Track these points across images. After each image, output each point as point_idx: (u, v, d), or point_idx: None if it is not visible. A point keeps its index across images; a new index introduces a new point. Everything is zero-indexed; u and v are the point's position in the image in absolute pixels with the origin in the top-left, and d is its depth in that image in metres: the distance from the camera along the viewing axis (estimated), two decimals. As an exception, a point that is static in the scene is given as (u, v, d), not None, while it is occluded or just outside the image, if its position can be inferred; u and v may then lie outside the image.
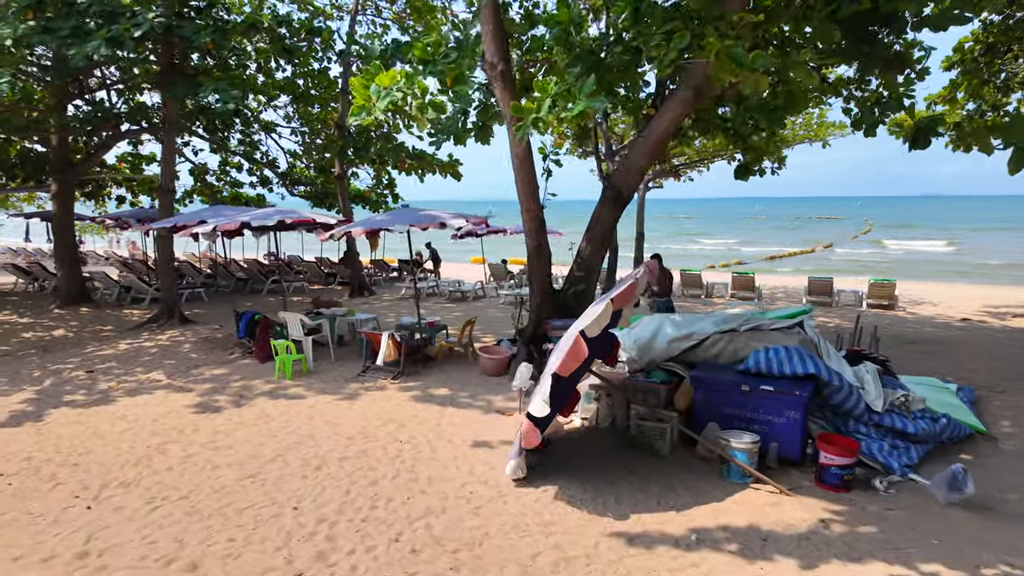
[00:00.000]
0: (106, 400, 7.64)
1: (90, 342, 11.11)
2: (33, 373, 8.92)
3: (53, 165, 14.13)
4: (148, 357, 9.84)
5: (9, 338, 11.33)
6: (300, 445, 6.15)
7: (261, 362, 9.44)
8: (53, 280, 17.65)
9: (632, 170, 8.78)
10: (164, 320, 12.52)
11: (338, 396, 7.84)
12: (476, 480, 5.36)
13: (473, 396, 7.87)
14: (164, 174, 12.55)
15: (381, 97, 5.42)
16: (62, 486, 5.22)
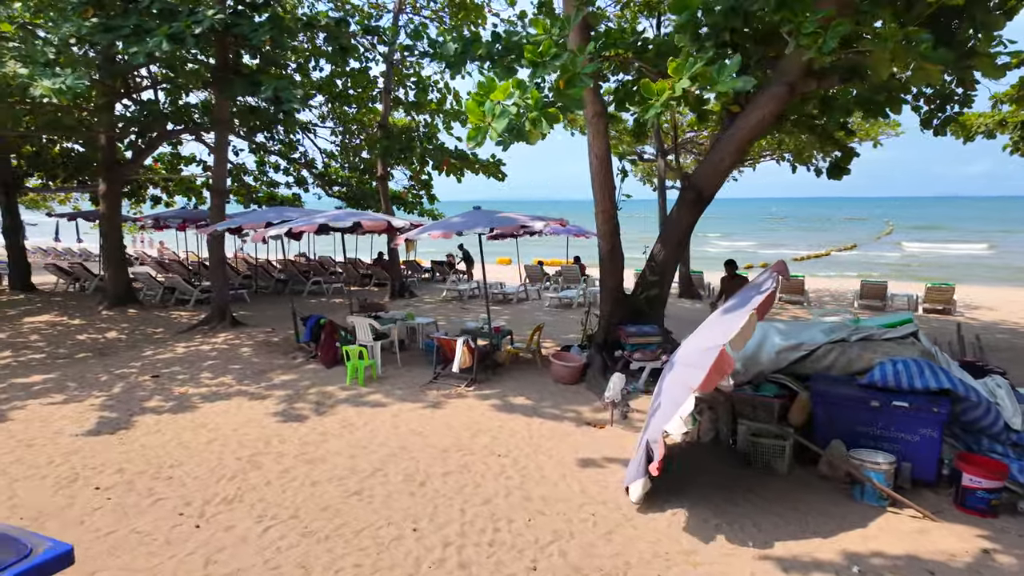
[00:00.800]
0: (182, 407, 7.43)
1: (145, 345, 10.96)
2: (99, 377, 8.75)
3: (101, 165, 14.03)
4: (211, 361, 9.65)
5: (64, 340, 11.21)
6: (395, 458, 5.89)
7: (328, 367, 9.21)
8: (94, 280, 17.64)
9: (717, 169, 8.42)
10: (216, 322, 12.37)
11: (418, 404, 7.58)
12: (593, 501, 5.05)
13: (556, 406, 7.57)
14: (216, 174, 12.39)
15: (498, 116, 5.10)
16: (163, 502, 4.99)
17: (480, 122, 5.12)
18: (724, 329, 4.73)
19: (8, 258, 17.07)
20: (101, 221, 14.26)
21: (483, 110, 5.11)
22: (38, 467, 5.68)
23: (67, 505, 4.91)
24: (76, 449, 6.09)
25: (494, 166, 17.12)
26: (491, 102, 5.13)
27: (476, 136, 5.13)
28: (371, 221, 8.69)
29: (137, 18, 9.99)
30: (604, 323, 9.23)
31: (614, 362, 8.84)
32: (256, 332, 12.05)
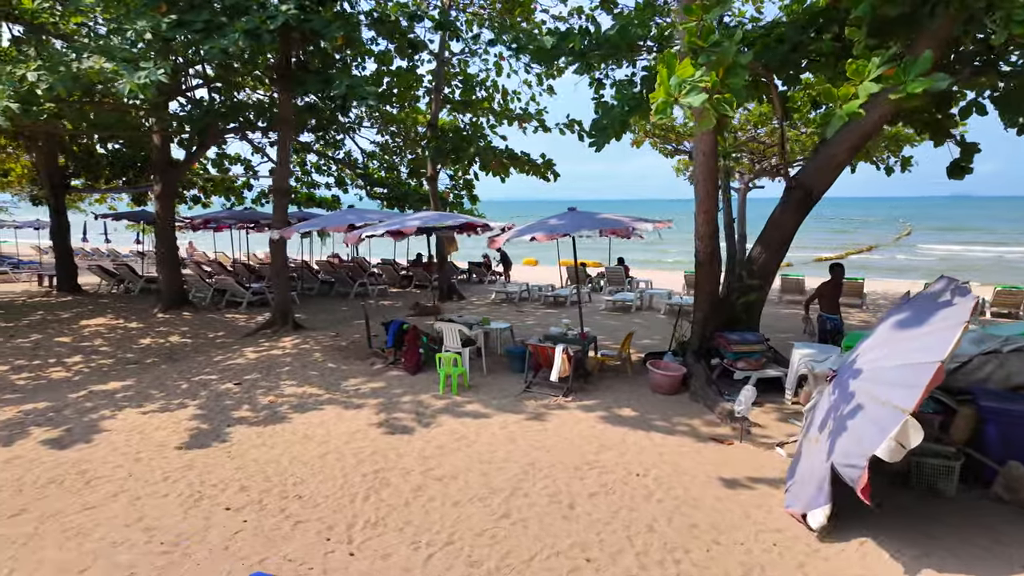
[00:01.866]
0: (277, 418, 7.12)
1: (212, 349, 10.70)
2: (180, 385, 8.47)
3: (155, 165, 13.80)
4: (287, 367, 9.35)
5: (129, 345, 10.97)
6: (529, 475, 5.53)
7: (412, 374, 8.87)
8: (139, 282, 17.45)
9: (829, 166, 8.00)
10: (279, 326, 12.09)
11: (522, 415, 7.22)
12: (765, 528, 4.67)
13: (665, 419, 7.18)
14: (279, 174, 12.11)
15: (686, 92, 4.73)
16: (303, 525, 4.66)
17: (667, 96, 4.76)
18: (922, 344, 4.33)
19: (55, 259, 16.90)
20: (156, 222, 14.03)
21: (671, 84, 4.75)
22: (155, 483, 5.37)
23: (204, 528, 4.60)
24: (188, 464, 5.79)
25: (547, 166, 16.71)
26: (677, 78, 4.76)
27: (663, 110, 4.77)
28: (462, 222, 8.33)
29: (208, 14, 9.72)
30: (699, 329, 8.83)
31: (711, 370, 8.45)
32: (320, 336, 11.75)
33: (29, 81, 7.81)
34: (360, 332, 12.12)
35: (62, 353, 10.23)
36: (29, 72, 7.82)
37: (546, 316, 14.42)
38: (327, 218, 9.88)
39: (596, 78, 13.97)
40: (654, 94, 4.98)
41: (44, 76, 7.88)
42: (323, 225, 9.51)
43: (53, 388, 8.37)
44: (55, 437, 6.47)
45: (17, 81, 7.70)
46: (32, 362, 9.64)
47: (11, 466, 5.71)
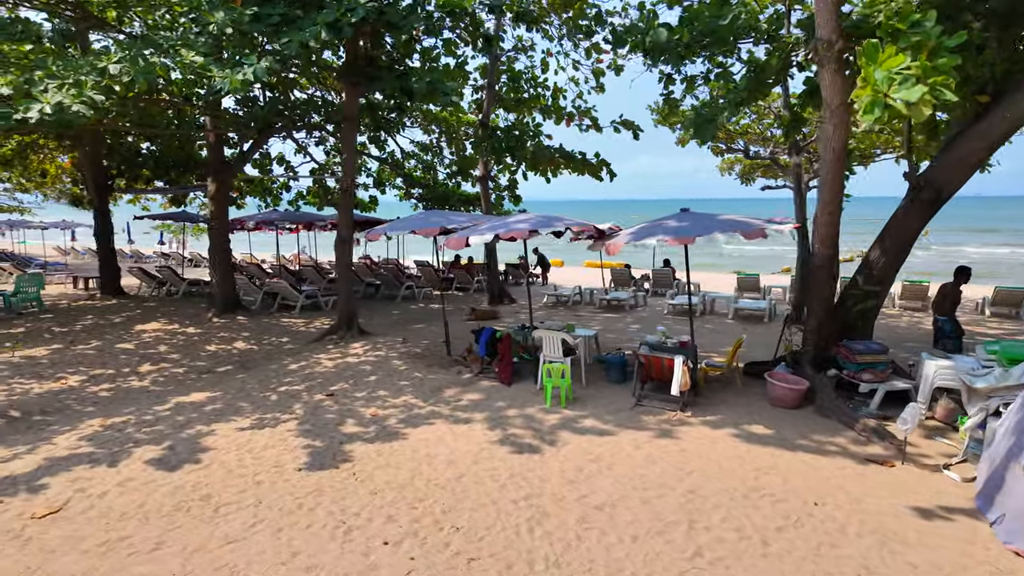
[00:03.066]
0: (389, 433, 6.65)
1: (282, 356, 10.26)
2: (268, 396, 8.02)
3: (210, 165, 13.38)
4: (373, 377, 8.89)
5: (196, 352, 10.54)
6: (695, 504, 5.04)
7: (507, 385, 8.39)
8: (182, 285, 17.06)
9: (963, 165, 7.47)
10: (344, 331, 11.64)
11: (649, 433, 6.72)
12: (1000, 570, 4.16)
13: (805, 436, 6.66)
14: (345, 173, 11.66)
15: (897, 85, 4.22)
16: (478, 563, 4.19)
17: (876, 95, 4.23)
18: None
19: (99, 261, 16.53)
20: (210, 224, 13.61)
21: (878, 79, 4.22)
22: (290, 512, 4.91)
23: (371, 567, 4.13)
24: (316, 488, 5.33)
25: (601, 165, 16.20)
26: (883, 71, 4.23)
27: (871, 110, 4.24)
28: (579, 225, 7.84)
29: (284, 6, 9.28)
30: (813, 338, 8.31)
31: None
32: (388, 342, 11.29)
33: (111, 74, 7.37)
34: (430, 338, 11.67)
35: (130, 361, 9.81)
36: (111, 64, 7.38)
37: (610, 321, 13.92)
38: (412, 220, 9.39)
39: (666, 73, 13.52)
40: (858, 91, 4.48)
41: (126, 68, 7.44)
42: (412, 227, 9.02)
43: (134, 399, 7.95)
44: (160, 456, 6.03)
45: (99, 73, 7.27)
46: (104, 370, 9.23)
47: (127, 490, 5.27)
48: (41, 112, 6.43)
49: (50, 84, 6.87)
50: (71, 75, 6.97)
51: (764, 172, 20.53)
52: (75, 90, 6.68)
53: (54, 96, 6.57)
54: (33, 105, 6.47)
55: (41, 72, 6.94)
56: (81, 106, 6.60)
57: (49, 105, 6.47)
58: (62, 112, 6.52)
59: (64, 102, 6.54)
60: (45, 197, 31.51)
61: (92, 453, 6.08)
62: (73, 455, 6.03)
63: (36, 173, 20.17)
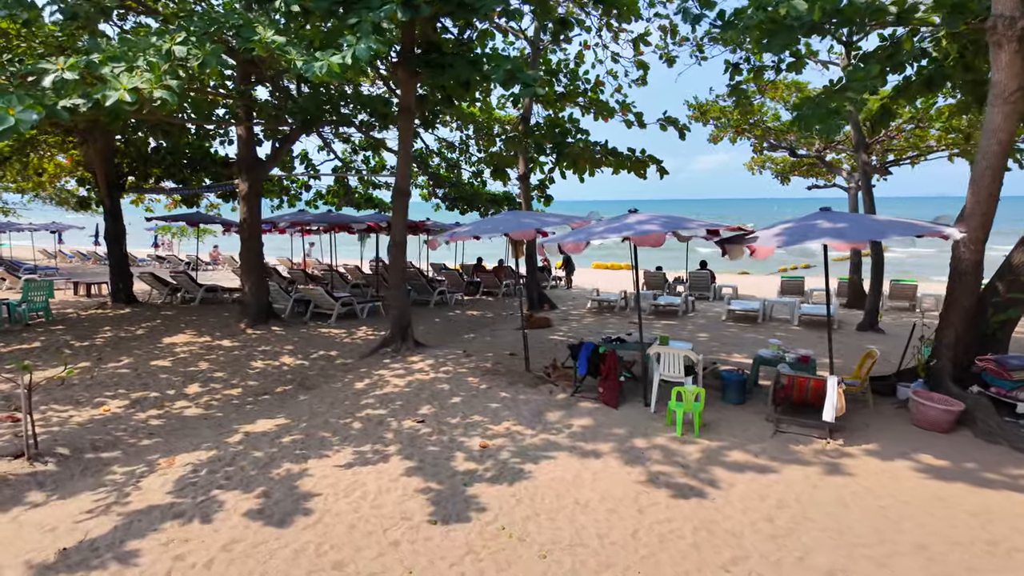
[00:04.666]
0: (512, 471, 5.70)
1: (340, 373, 9.27)
2: (349, 424, 7.02)
3: (242, 162, 12.28)
4: (456, 399, 7.92)
5: (243, 369, 9.48)
6: (947, 568, 4.16)
7: (613, 407, 7.47)
8: (199, 292, 15.90)
9: None
10: (398, 343, 10.64)
11: (816, 467, 5.85)
12: None
13: (993, 469, 5.85)
14: (400, 171, 10.65)
15: None
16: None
17: None
18: None
19: (110, 267, 15.29)
20: (241, 226, 12.50)
21: None
22: (455, 586, 3.95)
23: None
24: (468, 547, 4.38)
25: (648, 161, 15.32)
26: None
27: None
28: (713, 226, 6.95)
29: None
30: (951, 352, 7.52)
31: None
32: (448, 355, 10.31)
33: (176, 56, 6.33)
34: (493, 350, 10.74)
35: (172, 381, 8.73)
36: (176, 46, 6.33)
37: (670, 330, 13.06)
38: (500, 222, 8.41)
39: (733, 63, 12.72)
40: None
41: (193, 50, 6.40)
42: (505, 229, 8.04)
43: (193, 429, 6.91)
44: (258, 507, 5.02)
45: (163, 56, 6.22)
46: (147, 393, 8.15)
47: (237, 557, 4.27)
48: (120, 100, 5.38)
49: (115, 68, 5.82)
50: (138, 58, 5.92)
51: (808, 171, 19.87)
52: (150, 75, 5.65)
53: (130, 81, 5.52)
54: (109, 92, 5.42)
55: (101, 55, 5.87)
56: (165, 92, 5.57)
57: (127, 91, 5.42)
58: (142, 100, 5.49)
59: (143, 88, 5.50)
60: (35, 198, 29.92)
61: (175, 504, 5.05)
62: (153, 507, 5.00)
63: (33, 172, 18.80)
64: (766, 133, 19.32)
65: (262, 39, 6.42)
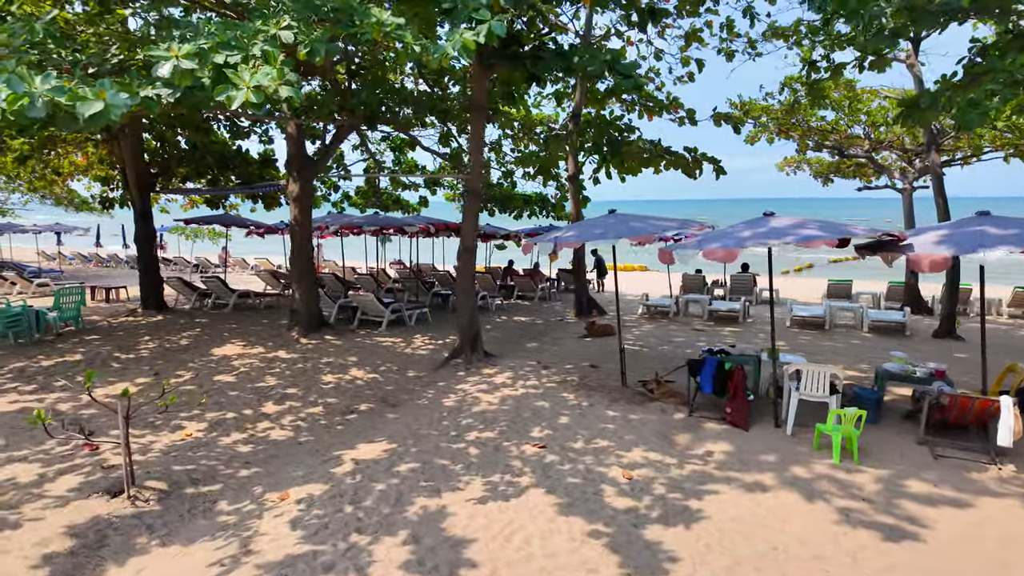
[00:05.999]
0: (675, 509, 5.08)
1: (419, 388, 8.65)
2: (463, 449, 6.37)
3: (293, 161, 11.56)
4: (564, 419, 7.28)
5: (314, 384, 8.79)
6: None
7: (744, 428, 6.86)
8: (231, 297, 15.14)
9: None
10: (469, 353, 9.98)
11: (1015, 500, 5.27)
12: None
13: None
14: (473, 171, 10.00)
15: None
16: None
17: None
18: None
19: (140, 271, 14.49)
20: (292, 229, 11.77)
21: None
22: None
23: None
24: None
25: (703, 162, 14.75)
26: None
27: None
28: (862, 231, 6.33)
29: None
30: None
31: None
32: (522, 366, 9.68)
33: (283, 42, 5.63)
34: (571, 361, 10.12)
35: (246, 399, 8.04)
36: (282, 31, 5.64)
37: (738, 337, 12.50)
38: (610, 226, 7.74)
39: (810, 60, 12.24)
40: None
41: (302, 36, 5.71)
42: (622, 235, 7.41)
43: (290, 455, 6.24)
44: (415, 558, 4.37)
45: (271, 43, 5.52)
46: (223, 413, 7.46)
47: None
48: (246, 100, 4.69)
49: (229, 58, 5.12)
50: (253, 45, 5.23)
51: (854, 172, 19.40)
52: (271, 69, 4.95)
53: (253, 78, 4.82)
54: (234, 92, 4.73)
55: (209, 42, 5.17)
56: (289, 90, 4.87)
57: (250, 90, 4.73)
58: (265, 99, 4.80)
59: (266, 85, 4.80)
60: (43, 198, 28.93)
61: (317, 553, 4.38)
62: (293, 557, 4.33)
63: (51, 171, 17.94)
64: (807, 133, 18.87)
65: (379, 20, 5.74)
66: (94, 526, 4.69)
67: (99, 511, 4.92)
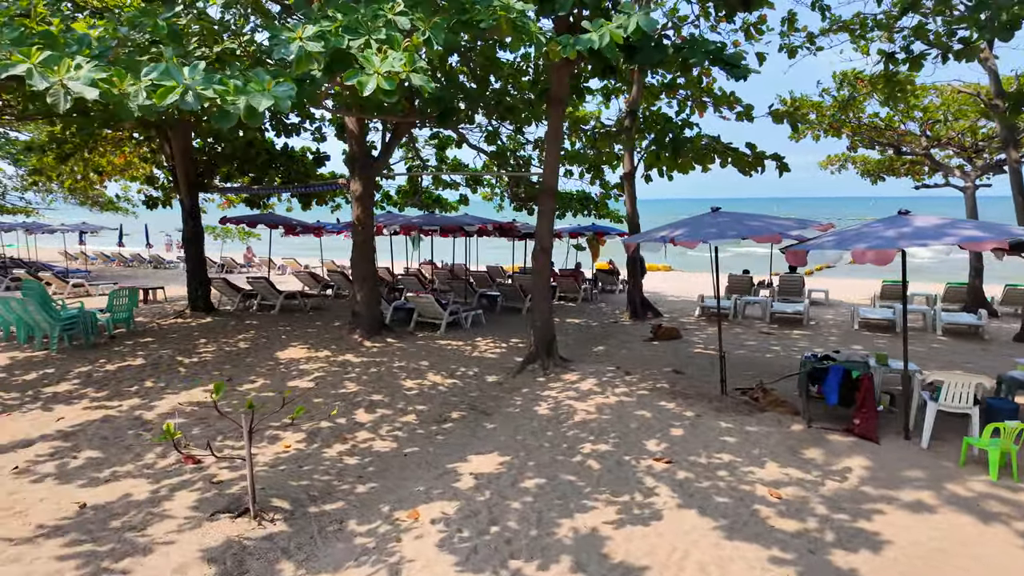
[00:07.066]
0: (850, 533, 4.69)
1: (504, 395, 8.31)
2: (582, 462, 6.00)
3: (356, 159, 11.22)
4: (678, 431, 6.89)
5: (396, 391, 8.44)
6: None
7: (874, 441, 6.45)
8: (279, 299, 14.82)
9: None
10: (544, 359, 9.60)
11: None
12: None
13: None
14: (548, 169, 9.62)
15: None
16: None
17: None
18: None
19: (188, 272, 14.18)
20: (354, 229, 11.42)
21: None
22: None
23: None
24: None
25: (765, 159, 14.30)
26: None
27: None
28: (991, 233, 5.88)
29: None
30: None
31: None
32: (602, 371, 9.29)
33: (400, 27, 5.26)
34: (652, 366, 9.74)
35: (334, 407, 7.67)
36: (395, 15, 5.25)
37: (808, 342, 12.08)
38: (725, 225, 7.32)
39: (887, 52, 11.84)
40: None
41: (418, 22, 5.34)
42: (745, 234, 6.98)
43: (402, 468, 5.92)
44: (588, 587, 3.98)
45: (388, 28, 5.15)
46: (316, 424, 7.10)
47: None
48: (378, 87, 4.32)
49: (351, 42, 4.76)
50: (378, 30, 4.86)
51: (909, 170, 18.90)
52: (399, 55, 4.58)
53: (384, 64, 4.46)
54: (364, 78, 4.36)
55: (333, 24, 4.80)
56: (420, 78, 4.51)
57: (382, 77, 4.36)
58: (396, 86, 4.42)
59: (397, 71, 4.43)
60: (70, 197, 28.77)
61: (481, 584, 4.01)
62: (458, 589, 3.96)
63: (92, 171, 17.68)
64: (857, 130, 18.41)
65: (505, 4, 5.36)
66: (228, 550, 4.34)
67: (228, 532, 4.57)
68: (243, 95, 4.21)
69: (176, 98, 4.07)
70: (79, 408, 7.40)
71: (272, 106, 4.15)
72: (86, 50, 4.61)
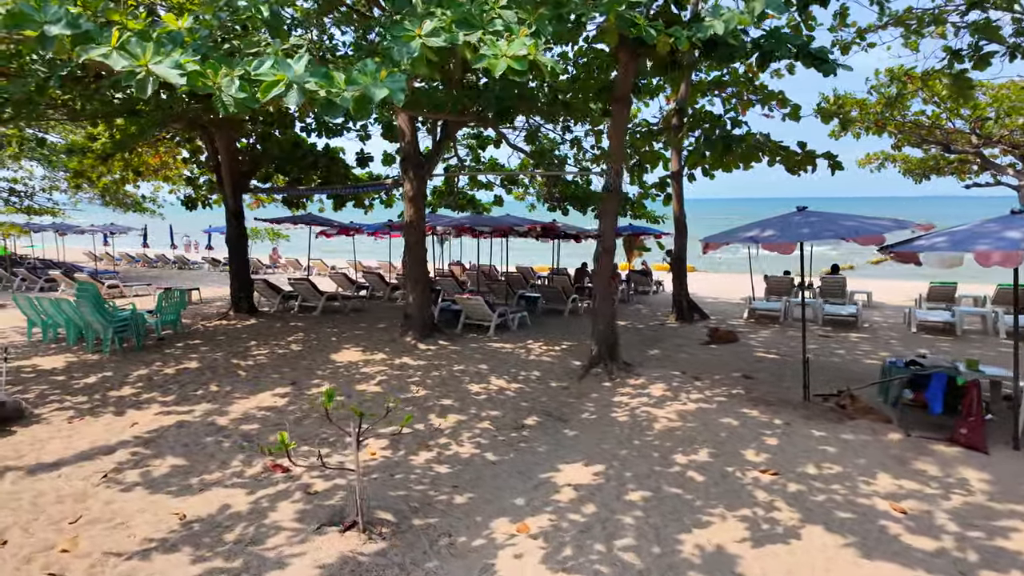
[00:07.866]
0: (1005, 555, 4.40)
1: (572, 401, 8.09)
2: (684, 474, 5.76)
3: (408, 159, 11.04)
4: (769, 440, 6.64)
5: (464, 396, 8.25)
6: None
7: (983, 451, 6.16)
8: (321, 300, 14.70)
9: None
10: (607, 363, 9.38)
11: None
12: None
13: None
14: (613, 170, 9.39)
15: None
16: None
17: None
18: None
19: (231, 273, 14.09)
20: (406, 229, 11.25)
21: None
22: None
23: None
24: None
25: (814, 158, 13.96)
26: None
27: None
28: None
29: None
30: None
31: None
32: (670, 377, 9.05)
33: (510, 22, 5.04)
34: (720, 371, 9.48)
35: (411, 412, 7.49)
36: (504, 10, 5.04)
37: (869, 345, 11.74)
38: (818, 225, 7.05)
39: (953, 50, 11.49)
40: None
41: (524, 14, 5.12)
42: (842, 234, 6.70)
43: (495, 476, 5.71)
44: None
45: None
46: (395, 429, 6.90)
47: None
48: (509, 67, 4.12)
49: (467, 37, 4.56)
50: (492, 21, 4.66)
51: (956, 168, 18.49)
52: (522, 40, 4.37)
53: (510, 47, 4.25)
54: (494, 62, 4.16)
55: (449, 16, 4.59)
56: (548, 60, 4.29)
57: (511, 59, 4.15)
58: (530, 66, 4.20)
59: (527, 55, 4.22)
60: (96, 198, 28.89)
61: (622, 606, 3.78)
62: (599, 612, 3.73)
63: (131, 171, 17.66)
64: (903, 128, 18.04)
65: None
66: (345, 566, 4.15)
67: (339, 547, 4.38)
68: (355, 86, 4.02)
69: (280, 91, 3.91)
70: (151, 413, 7.26)
71: (386, 97, 3.95)
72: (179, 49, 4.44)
